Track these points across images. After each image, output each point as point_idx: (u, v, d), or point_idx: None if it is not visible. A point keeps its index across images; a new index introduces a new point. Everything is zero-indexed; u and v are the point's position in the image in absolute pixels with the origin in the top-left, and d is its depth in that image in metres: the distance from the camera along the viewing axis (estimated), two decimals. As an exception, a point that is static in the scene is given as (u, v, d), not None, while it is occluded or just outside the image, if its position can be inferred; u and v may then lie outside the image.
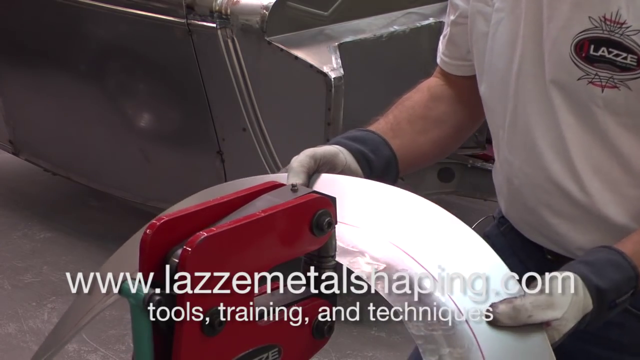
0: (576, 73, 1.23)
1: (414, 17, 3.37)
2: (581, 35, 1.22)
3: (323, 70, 2.94)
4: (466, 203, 3.79)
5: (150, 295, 0.88)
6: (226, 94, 3.10)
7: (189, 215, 0.95)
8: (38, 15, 3.67)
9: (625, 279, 1.09)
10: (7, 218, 4.17)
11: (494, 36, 1.35)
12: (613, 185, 1.29)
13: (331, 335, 1.03)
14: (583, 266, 1.08)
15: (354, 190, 1.15)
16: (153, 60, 3.40)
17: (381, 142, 1.33)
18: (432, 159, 1.50)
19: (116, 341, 3.23)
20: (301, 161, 1.16)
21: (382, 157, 1.31)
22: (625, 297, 1.10)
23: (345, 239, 1.06)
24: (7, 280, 3.65)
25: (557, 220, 1.34)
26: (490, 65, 1.37)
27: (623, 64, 1.19)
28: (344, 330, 3.16)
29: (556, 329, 1.00)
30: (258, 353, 0.96)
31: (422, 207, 1.10)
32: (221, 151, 3.21)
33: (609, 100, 1.22)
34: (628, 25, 1.18)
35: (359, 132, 1.34)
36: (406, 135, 1.39)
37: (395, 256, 1.03)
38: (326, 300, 1.03)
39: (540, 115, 1.30)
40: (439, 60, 1.52)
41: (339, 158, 1.23)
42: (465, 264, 1.03)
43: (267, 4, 2.98)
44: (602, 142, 1.26)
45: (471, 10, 1.39)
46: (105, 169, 3.81)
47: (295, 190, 1.01)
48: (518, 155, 1.36)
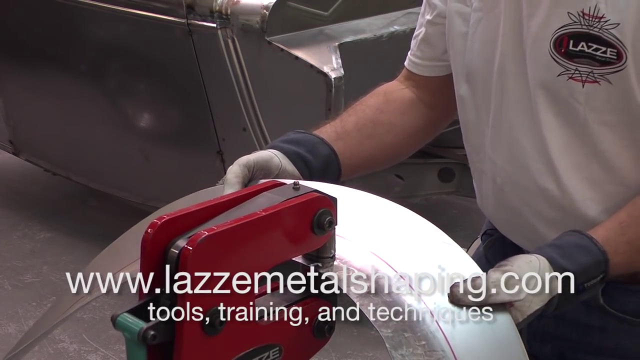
0: (556, 69, 1.24)
1: (414, 17, 3.34)
2: (560, 30, 1.22)
3: (323, 71, 2.94)
4: (466, 203, 3.79)
5: (144, 331, 0.88)
6: (226, 94, 3.10)
7: (190, 214, 0.95)
8: (38, 15, 3.67)
9: (593, 263, 1.09)
10: (7, 218, 4.17)
11: (473, 36, 1.35)
12: (592, 183, 1.29)
13: (332, 335, 1.03)
14: (551, 249, 1.08)
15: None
16: (153, 60, 3.40)
17: (318, 142, 1.32)
18: (381, 164, 1.49)
19: (116, 341, 3.23)
20: (235, 172, 1.17)
21: (320, 156, 1.30)
22: (594, 282, 1.09)
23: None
24: (7, 281, 3.65)
25: (537, 221, 1.35)
26: (470, 65, 1.36)
27: (603, 58, 1.20)
28: (344, 330, 3.16)
29: (519, 309, 1.00)
30: (259, 352, 0.96)
31: (385, 209, 1.10)
32: (221, 151, 3.21)
33: (590, 95, 1.22)
34: (607, 19, 1.18)
35: (295, 134, 1.33)
36: (351, 139, 1.38)
37: (365, 260, 1.03)
38: (326, 300, 1.03)
39: (522, 114, 1.30)
40: (407, 62, 1.51)
41: (273, 162, 1.23)
42: (434, 264, 1.02)
43: (267, 4, 2.98)
44: (582, 140, 1.27)
45: (449, 10, 1.39)
46: (105, 169, 3.81)
47: (297, 189, 1.01)
48: (501, 154, 1.36)
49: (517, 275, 1.01)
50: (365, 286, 0.98)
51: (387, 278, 0.99)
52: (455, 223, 3.77)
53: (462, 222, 3.74)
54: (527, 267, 1.03)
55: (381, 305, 0.97)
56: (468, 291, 0.98)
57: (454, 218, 3.95)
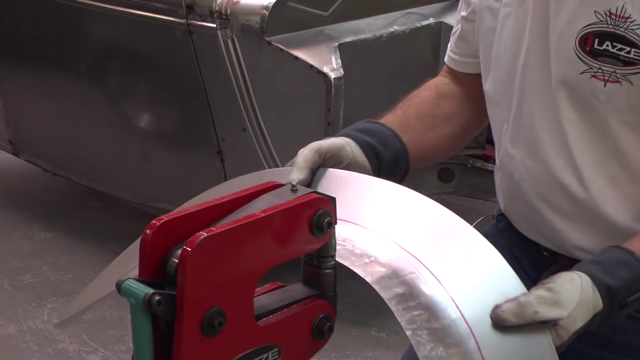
0: (579, 67, 1.24)
1: (414, 17, 3.37)
2: (586, 29, 1.23)
3: (323, 71, 2.94)
4: (466, 203, 3.79)
5: (150, 295, 0.88)
6: (226, 94, 3.10)
7: (189, 215, 0.95)
8: (38, 15, 3.67)
9: (635, 277, 1.09)
10: (7, 218, 4.17)
11: (501, 31, 1.36)
12: (612, 181, 1.29)
13: (331, 335, 1.03)
14: (592, 265, 1.08)
15: (358, 188, 1.14)
16: (153, 60, 3.40)
17: (391, 135, 1.32)
18: (440, 155, 1.50)
19: (116, 341, 3.23)
20: (305, 155, 1.16)
21: (392, 149, 1.30)
22: (636, 296, 1.08)
23: (350, 239, 1.06)
24: (7, 281, 3.65)
25: (554, 216, 1.35)
26: (496, 60, 1.38)
27: (626, 58, 1.20)
28: (344, 330, 3.16)
29: (564, 327, 0.99)
30: (258, 353, 0.96)
31: (427, 207, 1.09)
32: (221, 151, 3.21)
33: (611, 95, 1.23)
34: (633, 19, 1.19)
35: (368, 123, 1.32)
36: (415, 131, 1.39)
37: (400, 259, 1.03)
38: (326, 300, 1.03)
39: (543, 109, 1.31)
40: (446, 59, 1.53)
41: (345, 151, 1.22)
42: (471, 266, 1.02)
43: (267, 4, 2.98)
44: (602, 137, 1.27)
45: (480, 6, 1.40)
46: (105, 169, 3.81)
47: (295, 191, 1.01)
48: (520, 149, 1.36)
49: (561, 293, 1.00)
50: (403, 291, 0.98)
51: (430, 289, 0.99)
52: (455, 223, 3.76)
53: (462, 222, 3.73)
54: (570, 285, 1.02)
55: (418, 310, 0.96)
56: (512, 311, 0.97)
57: (454, 218, 3.93)
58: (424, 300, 0.98)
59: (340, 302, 1.04)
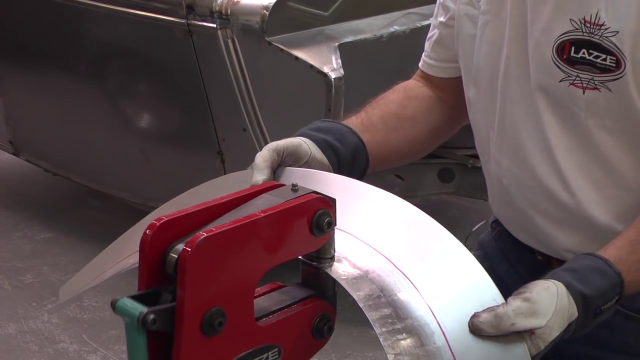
0: (558, 75, 1.24)
1: (414, 17, 3.37)
2: (563, 37, 1.23)
3: (323, 71, 2.94)
4: (466, 203, 3.79)
5: (144, 315, 0.87)
6: (226, 94, 3.10)
7: (188, 215, 0.95)
8: (38, 15, 3.67)
9: (610, 285, 1.09)
10: (7, 218, 4.18)
11: (481, 38, 1.35)
12: (596, 186, 1.29)
13: (331, 335, 1.03)
14: (567, 274, 1.07)
15: (321, 185, 1.11)
16: (153, 60, 3.40)
17: (347, 131, 1.32)
18: (405, 158, 1.49)
19: (116, 341, 3.23)
20: (264, 156, 1.16)
21: (349, 145, 1.30)
22: (610, 304, 1.09)
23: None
24: (7, 281, 3.65)
25: (543, 221, 1.35)
26: (478, 67, 1.37)
27: (603, 65, 1.20)
28: (344, 331, 3.16)
29: (541, 337, 0.99)
30: (258, 353, 0.96)
31: (407, 213, 1.07)
32: (221, 151, 3.21)
33: (590, 102, 1.23)
34: (607, 26, 1.19)
35: (323, 122, 1.33)
36: (377, 131, 1.39)
37: (377, 264, 1.02)
38: (326, 300, 1.03)
39: (526, 117, 1.31)
40: (421, 64, 1.53)
41: (302, 148, 1.22)
42: (450, 276, 1.02)
43: (267, 4, 2.98)
44: (584, 143, 1.27)
45: (458, 13, 1.40)
46: (105, 169, 3.81)
47: (295, 190, 1.01)
48: (506, 155, 1.36)
49: (538, 302, 1.00)
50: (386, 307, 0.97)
51: (406, 295, 0.98)
52: (455, 223, 3.77)
53: (462, 222, 3.74)
54: (545, 294, 1.01)
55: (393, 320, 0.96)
56: (489, 322, 0.97)
57: (454, 218, 3.95)
58: (398, 303, 0.97)
59: (340, 302, 1.04)
